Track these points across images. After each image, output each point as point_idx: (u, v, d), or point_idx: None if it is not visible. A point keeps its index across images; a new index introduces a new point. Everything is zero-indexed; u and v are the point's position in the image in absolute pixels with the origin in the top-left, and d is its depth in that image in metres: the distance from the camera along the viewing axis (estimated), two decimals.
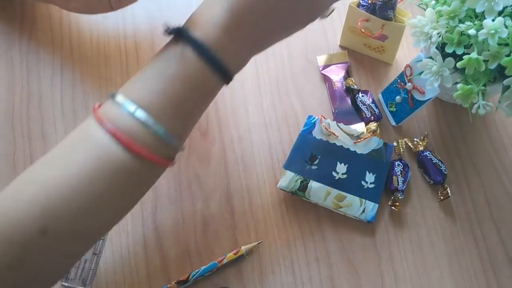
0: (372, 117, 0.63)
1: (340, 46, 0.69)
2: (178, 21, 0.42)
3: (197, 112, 0.45)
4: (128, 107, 0.40)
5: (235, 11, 0.42)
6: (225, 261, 0.56)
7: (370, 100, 0.64)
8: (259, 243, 0.58)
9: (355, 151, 0.60)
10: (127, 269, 0.56)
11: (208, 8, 0.43)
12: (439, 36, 0.51)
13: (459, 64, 0.49)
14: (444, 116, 0.65)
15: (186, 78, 0.41)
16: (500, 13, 0.48)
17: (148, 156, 0.40)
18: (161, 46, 0.44)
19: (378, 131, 0.63)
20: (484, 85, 0.50)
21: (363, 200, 0.58)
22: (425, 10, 0.53)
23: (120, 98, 0.41)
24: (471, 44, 0.50)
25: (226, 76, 0.43)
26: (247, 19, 0.42)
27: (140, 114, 0.40)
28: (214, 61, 0.41)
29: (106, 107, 0.41)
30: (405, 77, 0.61)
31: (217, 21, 0.42)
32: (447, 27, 0.51)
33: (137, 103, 0.40)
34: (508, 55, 0.48)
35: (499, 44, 0.48)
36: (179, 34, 0.42)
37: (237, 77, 0.66)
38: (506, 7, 0.49)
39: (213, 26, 0.42)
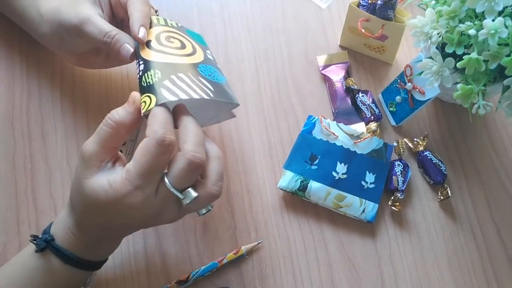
0: (372, 117, 0.63)
1: (340, 46, 0.69)
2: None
3: None
4: None
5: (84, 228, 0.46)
6: (225, 261, 0.56)
7: (370, 100, 0.64)
8: (259, 243, 0.58)
9: (355, 151, 0.60)
10: (127, 269, 0.56)
11: (63, 221, 0.47)
12: (439, 36, 0.51)
13: (459, 64, 0.49)
14: (444, 116, 0.65)
15: (54, 283, 0.46)
16: (500, 13, 0.48)
17: None
18: None
19: (378, 131, 0.63)
20: (484, 85, 0.50)
21: (363, 200, 0.58)
22: (425, 10, 0.53)
23: None
24: (471, 44, 0.50)
25: (96, 267, 0.49)
26: (95, 236, 0.47)
27: None
28: (81, 264, 0.46)
29: None
30: (405, 77, 0.61)
31: (72, 232, 0.46)
32: (447, 27, 0.51)
33: None
34: (508, 55, 0.48)
35: (499, 44, 0.48)
36: (46, 245, 0.46)
37: (237, 77, 0.66)
38: (506, 7, 0.49)
39: (68, 235, 0.46)
